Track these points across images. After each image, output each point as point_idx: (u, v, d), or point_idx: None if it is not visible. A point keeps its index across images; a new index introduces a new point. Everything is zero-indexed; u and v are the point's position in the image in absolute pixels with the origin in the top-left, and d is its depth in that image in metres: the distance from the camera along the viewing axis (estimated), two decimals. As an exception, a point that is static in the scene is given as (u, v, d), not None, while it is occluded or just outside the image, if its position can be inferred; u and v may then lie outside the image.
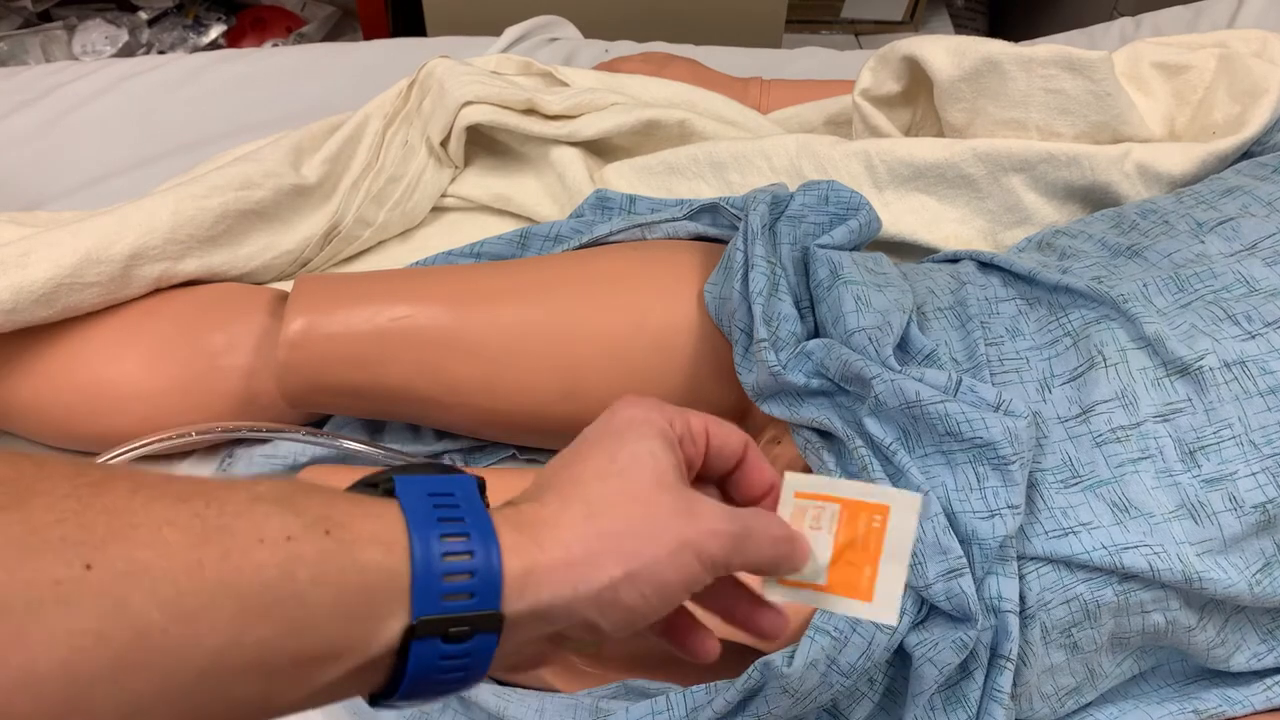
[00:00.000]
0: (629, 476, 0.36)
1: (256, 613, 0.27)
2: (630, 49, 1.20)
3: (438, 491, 0.32)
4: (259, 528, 0.27)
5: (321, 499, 0.30)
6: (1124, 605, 0.60)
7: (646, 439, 0.37)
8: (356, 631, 0.29)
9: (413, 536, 0.30)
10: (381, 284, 0.75)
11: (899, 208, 0.86)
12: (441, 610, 0.30)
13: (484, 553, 0.31)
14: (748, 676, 0.58)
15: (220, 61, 1.16)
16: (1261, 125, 0.80)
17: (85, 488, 0.26)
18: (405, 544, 0.30)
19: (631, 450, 0.37)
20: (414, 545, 0.30)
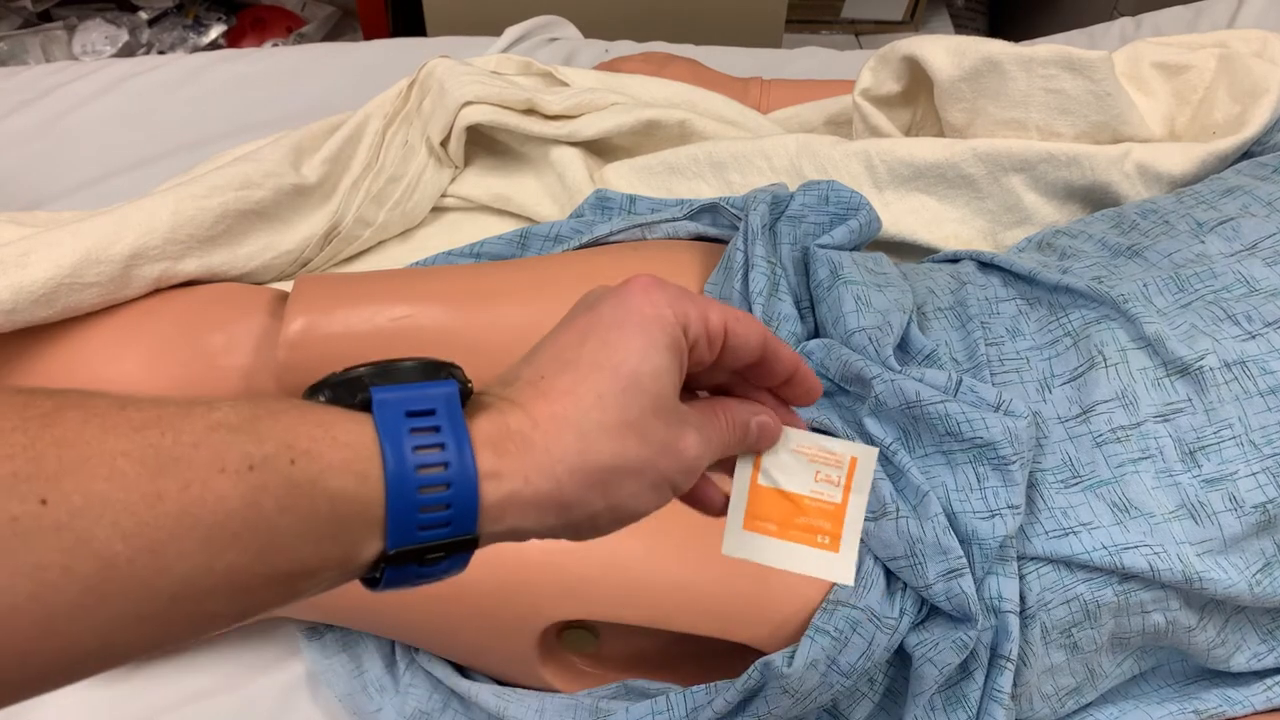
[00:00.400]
0: (629, 399, 0.33)
1: (223, 540, 0.26)
2: (630, 49, 1.20)
3: (416, 410, 0.30)
4: (219, 457, 0.26)
5: (286, 422, 0.28)
6: (1124, 605, 0.60)
7: (655, 350, 0.34)
8: (330, 554, 0.29)
9: (388, 466, 0.29)
10: (381, 284, 0.75)
11: (899, 208, 0.86)
12: (416, 540, 0.30)
13: (462, 480, 0.30)
14: (748, 677, 0.58)
15: (220, 61, 1.16)
16: (1261, 125, 0.80)
17: (34, 420, 0.25)
18: (380, 475, 0.29)
19: (636, 365, 0.34)
20: (389, 477, 0.29)
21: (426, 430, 0.30)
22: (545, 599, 0.62)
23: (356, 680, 0.70)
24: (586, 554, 0.63)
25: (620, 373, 0.34)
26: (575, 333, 0.35)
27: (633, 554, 0.62)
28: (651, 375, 0.34)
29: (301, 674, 0.73)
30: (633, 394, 0.33)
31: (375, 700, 0.69)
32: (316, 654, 0.71)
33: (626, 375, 0.34)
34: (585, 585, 0.62)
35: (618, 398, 0.33)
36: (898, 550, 0.59)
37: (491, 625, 0.64)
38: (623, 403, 0.33)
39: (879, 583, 0.59)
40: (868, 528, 0.61)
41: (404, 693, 0.69)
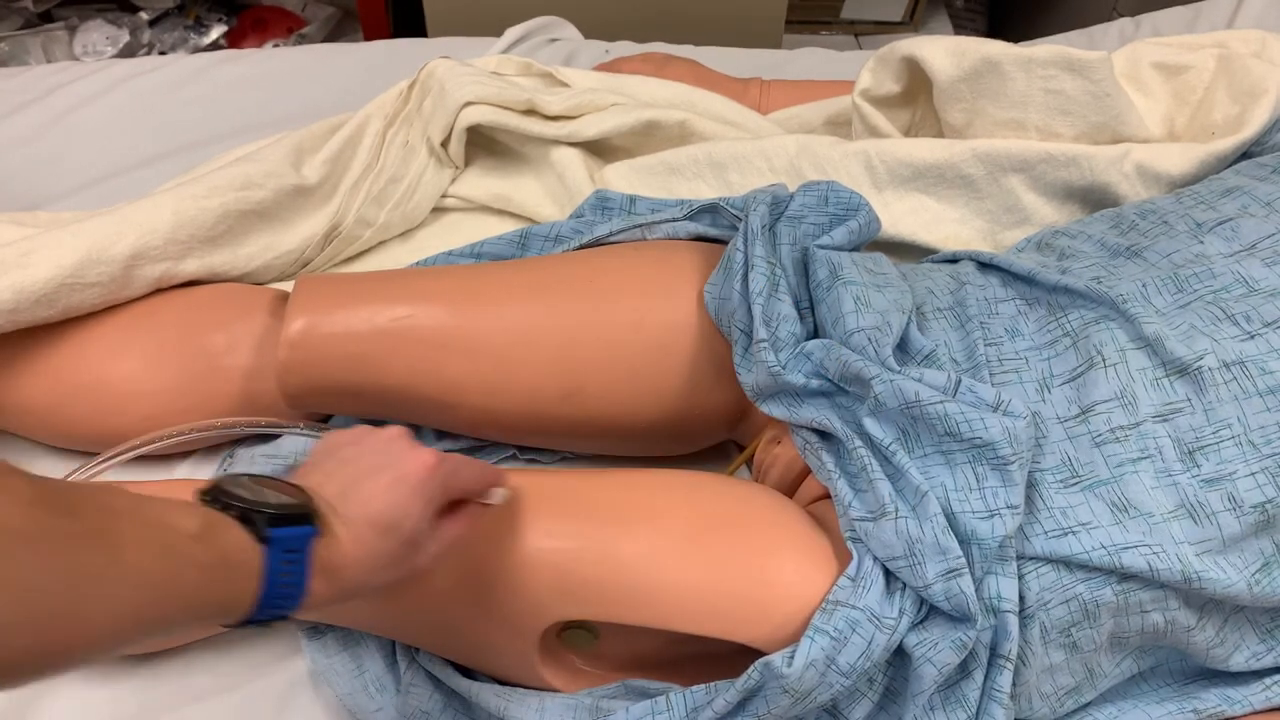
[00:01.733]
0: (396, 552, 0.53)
1: (182, 595, 0.43)
2: (630, 49, 1.20)
3: (291, 548, 0.48)
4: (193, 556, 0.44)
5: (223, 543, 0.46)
6: (1123, 605, 0.60)
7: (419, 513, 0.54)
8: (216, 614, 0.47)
9: (263, 590, 0.47)
10: (382, 284, 0.75)
11: (898, 208, 0.86)
12: (260, 619, 0.48)
13: (297, 597, 0.49)
14: (747, 677, 0.58)
15: (221, 62, 1.16)
16: (1260, 125, 0.80)
17: None
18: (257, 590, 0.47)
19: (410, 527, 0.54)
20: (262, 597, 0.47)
21: (289, 563, 0.48)
22: (545, 599, 0.62)
23: (357, 680, 0.70)
24: (587, 555, 0.63)
25: (396, 535, 0.52)
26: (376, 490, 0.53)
27: (633, 554, 0.62)
28: (416, 533, 0.53)
29: (302, 673, 0.73)
30: (399, 547, 0.53)
31: (376, 699, 0.69)
32: (317, 653, 0.71)
33: (400, 539, 0.53)
34: (585, 585, 0.62)
35: (393, 551, 0.53)
36: (897, 550, 0.59)
37: (491, 625, 0.64)
38: (395, 552, 0.53)
39: (878, 583, 0.59)
40: (867, 528, 0.61)
41: (405, 692, 0.69)
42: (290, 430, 0.76)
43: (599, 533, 0.64)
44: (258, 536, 0.47)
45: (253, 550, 0.47)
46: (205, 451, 0.82)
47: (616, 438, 0.77)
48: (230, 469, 0.80)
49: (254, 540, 0.47)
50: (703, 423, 0.77)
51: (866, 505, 0.61)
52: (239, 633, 0.73)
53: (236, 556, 0.46)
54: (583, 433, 0.76)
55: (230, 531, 0.46)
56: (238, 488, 0.48)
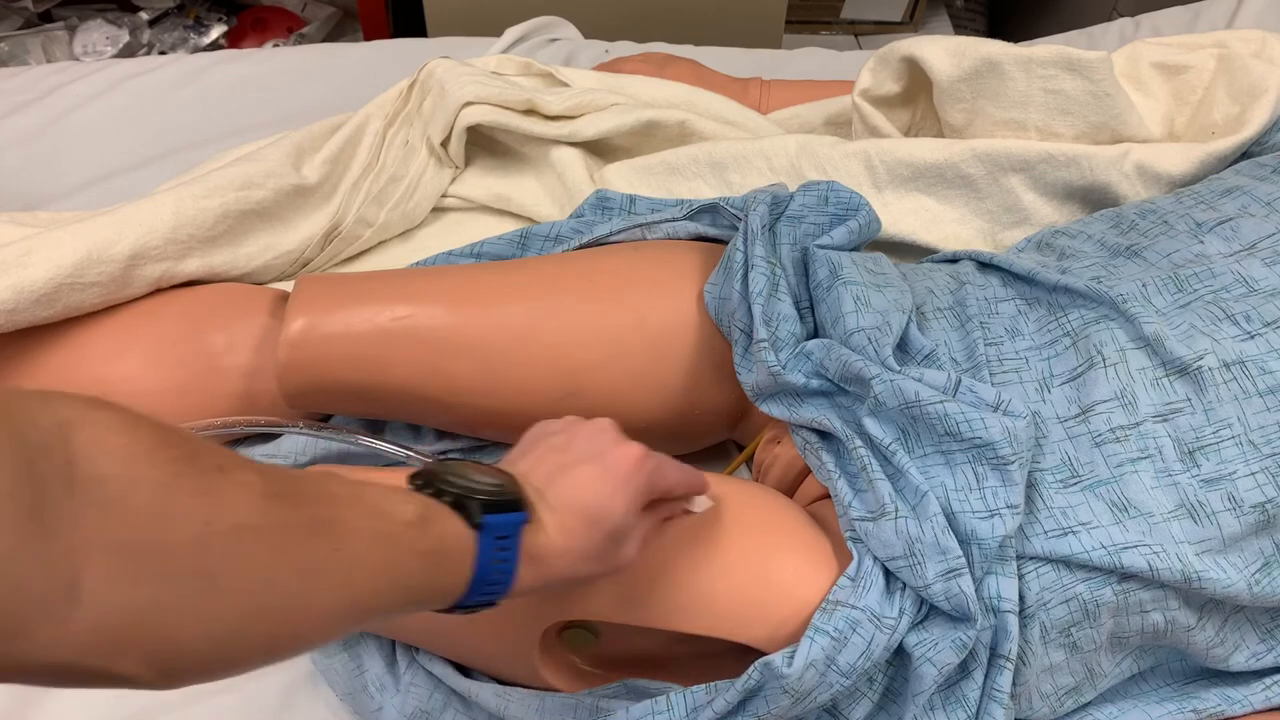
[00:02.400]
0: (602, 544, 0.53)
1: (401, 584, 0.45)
2: (630, 49, 1.20)
3: (501, 534, 0.48)
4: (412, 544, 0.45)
5: (437, 530, 0.46)
6: (1123, 605, 0.61)
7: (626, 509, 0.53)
8: (430, 599, 0.47)
9: (476, 572, 0.47)
10: (382, 284, 0.75)
11: (898, 208, 0.86)
12: (469, 605, 0.49)
13: (507, 583, 0.49)
14: (748, 677, 0.58)
15: (221, 62, 1.16)
16: (1260, 125, 0.80)
17: None
18: (470, 573, 0.48)
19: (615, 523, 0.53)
20: (474, 579, 0.48)
21: (500, 549, 0.48)
22: (545, 599, 0.62)
23: (357, 679, 0.70)
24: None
25: (601, 527, 0.52)
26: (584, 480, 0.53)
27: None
28: (622, 528, 0.53)
29: (303, 673, 0.73)
30: (603, 540, 0.52)
31: (376, 699, 0.69)
32: (317, 653, 0.71)
33: (605, 531, 0.52)
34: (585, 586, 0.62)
35: (598, 543, 0.52)
36: (897, 550, 0.59)
37: (492, 625, 0.64)
38: (599, 545, 0.52)
39: (878, 583, 0.59)
40: (867, 528, 0.61)
41: (404, 692, 0.69)
42: (290, 430, 0.76)
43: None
44: (471, 523, 0.47)
45: (467, 537, 0.47)
46: (205, 451, 0.82)
47: (616, 438, 0.77)
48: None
49: (468, 527, 0.47)
50: (703, 423, 0.77)
51: (866, 505, 0.61)
52: None
53: (451, 543, 0.46)
54: (583, 433, 0.76)
55: (445, 518, 0.47)
56: (449, 474, 0.49)
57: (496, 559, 0.48)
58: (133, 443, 0.35)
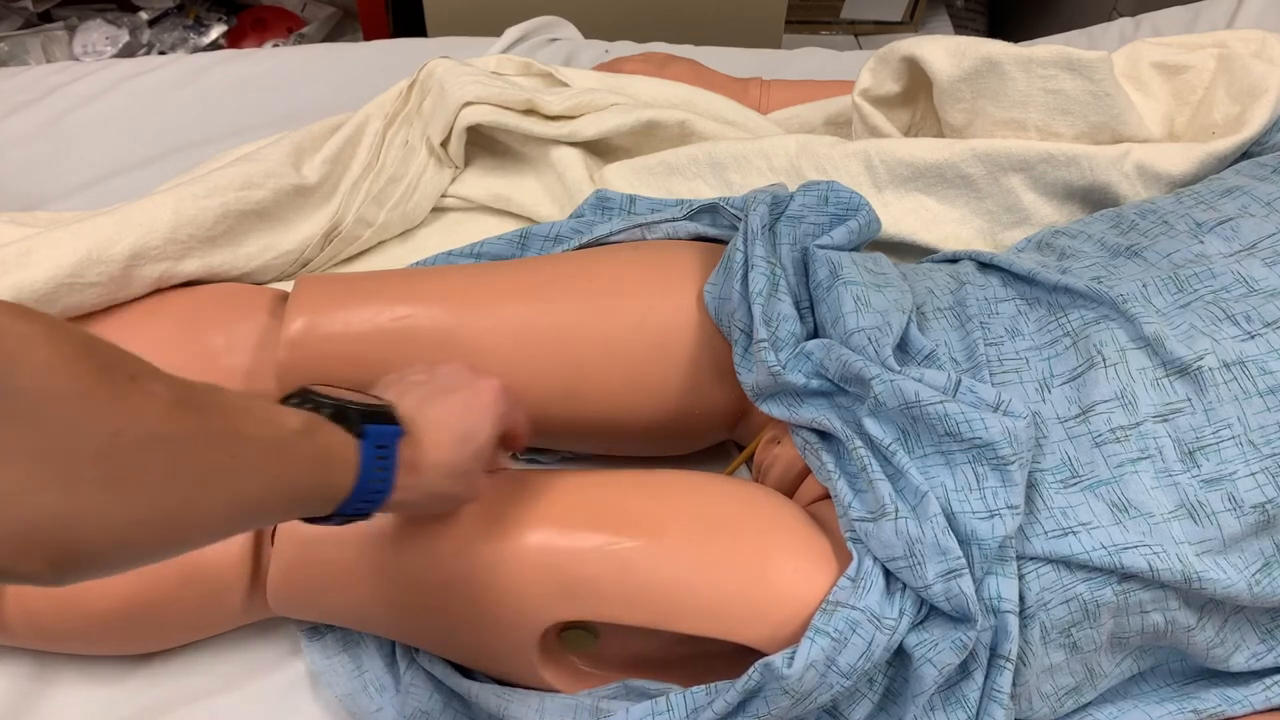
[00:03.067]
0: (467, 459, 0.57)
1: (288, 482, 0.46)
2: (630, 49, 1.20)
3: (381, 444, 0.51)
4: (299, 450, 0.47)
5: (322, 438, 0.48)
6: (1123, 605, 0.60)
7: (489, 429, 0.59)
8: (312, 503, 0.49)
9: (358, 482, 0.50)
10: (382, 284, 0.75)
11: (898, 208, 0.86)
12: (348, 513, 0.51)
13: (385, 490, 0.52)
14: (748, 678, 0.58)
15: (221, 62, 1.16)
16: (1260, 125, 0.80)
17: None
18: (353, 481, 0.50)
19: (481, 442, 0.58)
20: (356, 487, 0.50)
21: (380, 459, 0.51)
22: (545, 599, 0.62)
23: (357, 680, 0.70)
24: (587, 555, 0.63)
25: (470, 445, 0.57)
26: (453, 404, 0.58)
27: (633, 554, 0.62)
28: (487, 449, 0.58)
29: (302, 674, 0.73)
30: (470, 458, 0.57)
31: (375, 700, 0.69)
32: (317, 654, 0.71)
33: (473, 449, 0.57)
34: (585, 585, 0.62)
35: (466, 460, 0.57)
36: (897, 550, 0.59)
37: (492, 625, 0.64)
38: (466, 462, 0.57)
39: (878, 583, 0.59)
40: (867, 528, 0.61)
41: (404, 692, 0.69)
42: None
43: (599, 533, 0.63)
44: (353, 432, 0.50)
45: (350, 445, 0.50)
46: (205, 451, 0.82)
47: (616, 438, 0.77)
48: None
49: (350, 435, 0.50)
50: (703, 423, 0.77)
51: (866, 505, 0.61)
52: (230, 633, 0.73)
53: (336, 451, 0.49)
54: (583, 432, 0.76)
55: (329, 428, 0.49)
56: (324, 392, 0.52)
57: (377, 467, 0.51)
58: (53, 354, 0.36)
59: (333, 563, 0.65)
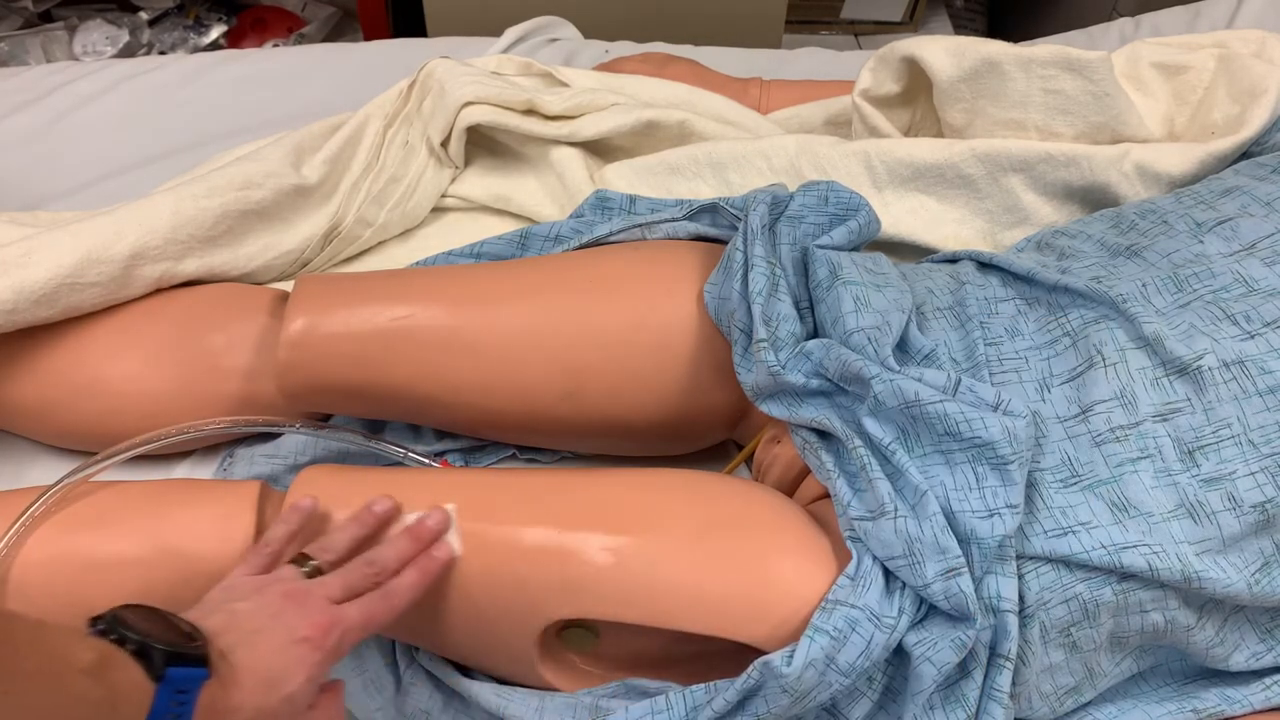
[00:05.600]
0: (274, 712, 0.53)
1: None
2: (630, 49, 1.20)
3: (181, 688, 0.48)
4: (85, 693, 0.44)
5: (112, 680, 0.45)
6: (1123, 605, 0.61)
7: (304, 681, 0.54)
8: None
9: None
10: (382, 284, 0.75)
11: (898, 208, 0.86)
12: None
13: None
14: (747, 676, 0.58)
15: (221, 62, 1.16)
16: (1260, 125, 0.80)
17: None
18: None
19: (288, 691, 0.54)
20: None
21: (177, 704, 0.48)
22: (545, 598, 0.62)
23: (357, 679, 0.70)
24: (587, 554, 0.63)
25: (278, 691, 0.53)
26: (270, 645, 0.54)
27: (633, 553, 0.62)
28: (299, 695, 0.54)
29: (302, 673, 0.73)
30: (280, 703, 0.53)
31: (375, 699, 0.69)
32: (317, 653, 0.71)
33: (282, 695, 0.53)
34: (585, 585, 0.62)
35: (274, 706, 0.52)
36: (896, 550, 0.59)
37: (491, 624, 0.64)
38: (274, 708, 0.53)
39: (877, 582, 0.59)
40: (866, 527, 0.61)
41: (404, 692, 0.69)
42: (290, 430, 0.76)
43: (599, 532, 0.63)
44: (152, 674, 0.47)
45: (145, 689, 0.47)
46: (204, 451, 0.82)
47: (616, 437, 0.77)
48: (230, 469, 0.80)
49: (148, 678, 0.47)
50: (703, 423, 0.77)
51: (866, 504, 0.61)
52: None
53: (127, 692, 0.46)
54: (582, 432, 0.76)
55: (124, 667, 0.46)
56: (137, 619, 0.49)
57: (171, 713, 0.48)
58: None
59: None
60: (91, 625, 0.49)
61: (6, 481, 0.78)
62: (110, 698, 0.45)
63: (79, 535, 0.66)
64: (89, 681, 0.44)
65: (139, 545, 0.66)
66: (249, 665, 0.52)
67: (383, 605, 0.58)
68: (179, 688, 0.48)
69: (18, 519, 0.65)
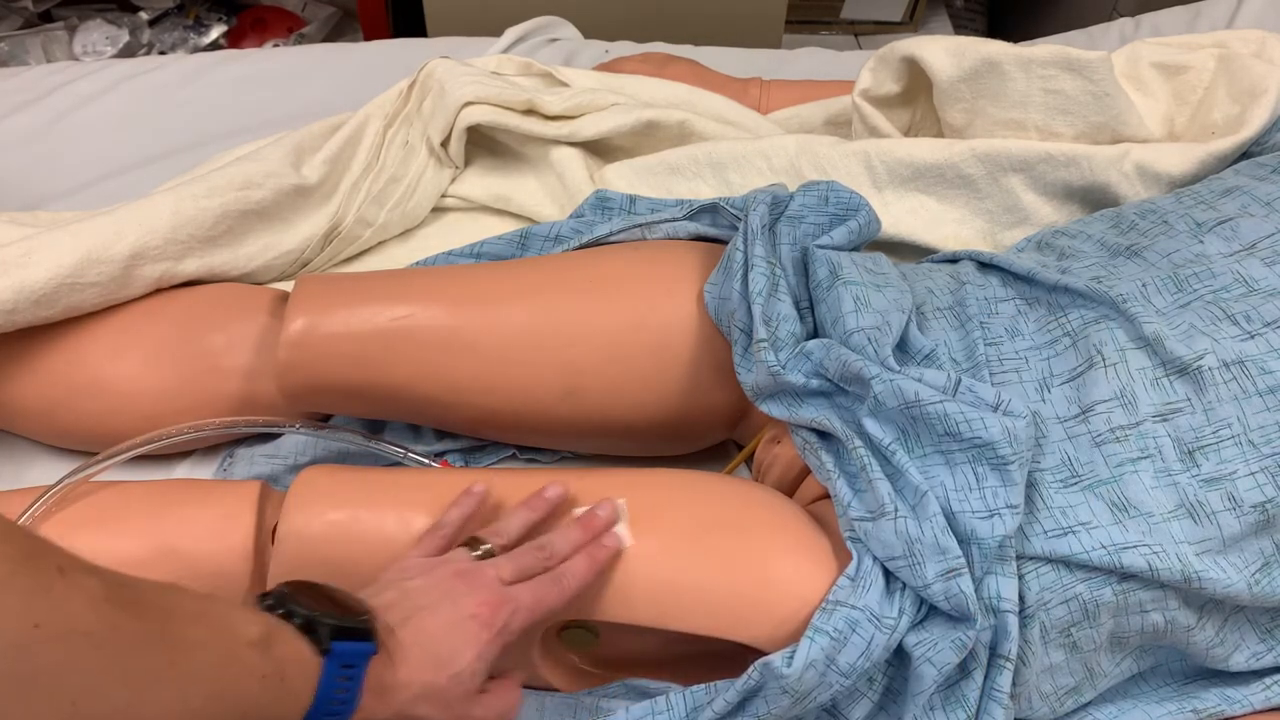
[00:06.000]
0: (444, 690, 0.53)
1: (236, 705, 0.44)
2: (630, 49, 1.20)
3: (347, 663, 0.48)
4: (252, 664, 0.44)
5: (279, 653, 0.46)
6: (1123, 605, 0.61)
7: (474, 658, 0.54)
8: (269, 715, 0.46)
9: (316, 703, 0.47)
10: (382, 284, 0.75)
11: (898, 208, 0.86)
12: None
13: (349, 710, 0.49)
14: (747, 677, 0.58)
15: (221, 62, 1.16)
16: (1260, 125, 0.80)
17: None
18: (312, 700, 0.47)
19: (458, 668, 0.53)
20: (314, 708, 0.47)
21: (344, 679, 0.48)
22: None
23: (357, 680, 0.70)
24: (586, 554, 0.63)
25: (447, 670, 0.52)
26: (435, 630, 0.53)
27: (633, 554, 0.62)
28: (468, 674, 0.53)
29: (302, 673, 0.73)
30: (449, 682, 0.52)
31: (375, 699, 0.69)
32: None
33: (450, 673, 0.52)
34: (585, 585, 0.62)
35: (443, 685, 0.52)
36: (896, 550, 0.59)
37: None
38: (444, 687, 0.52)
39: (878, 583, 0.59)
40: (867, 527, 0.61)
41: (404, 692, 0.69)
42: (290, 430, 0.76)
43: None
44: (319, 649, 0.47)
45: (312, 662, 0.47)
46: (204, 451, 0.82)
47: (616, 437, 0.77)
48: (230, 469, 0.80)
49: (315, 652, 0.47)
50: (703, 423, 0.77)
51: (866, 505, 0.61)
52: None
53: (295, 667, 0.46)
54: (582, 432, 0.76)
55: (292, 642, 0.47)
56: (305, 595, 0.49)
57: (339, 688, 0.48)
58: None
59: (335, 562, 0.65)
60: (260, 600, 0.49)
61: (6, 481, 0.78)
62: (278, 670, 0.45)
63: (79, 535, 0.66)
64: (256, 654, 0.44)
65: (139, 545, 0.66)
66: (417, 641, 0.52)
67: (554, 589, 0.58)
68: (346, 661, 0.48)
69: (18, 519, 0.65)
